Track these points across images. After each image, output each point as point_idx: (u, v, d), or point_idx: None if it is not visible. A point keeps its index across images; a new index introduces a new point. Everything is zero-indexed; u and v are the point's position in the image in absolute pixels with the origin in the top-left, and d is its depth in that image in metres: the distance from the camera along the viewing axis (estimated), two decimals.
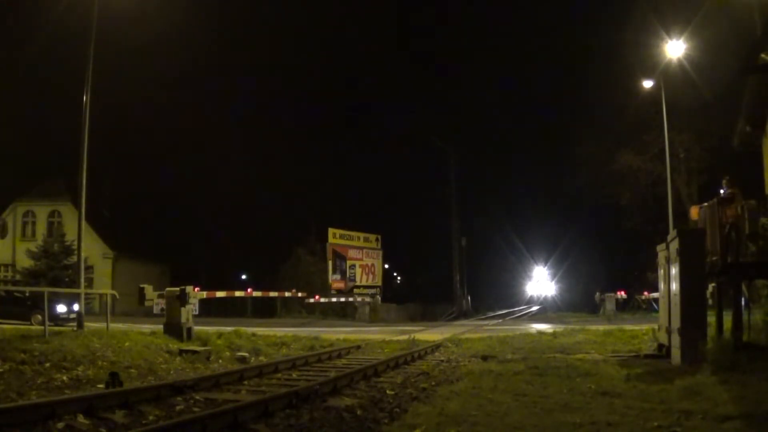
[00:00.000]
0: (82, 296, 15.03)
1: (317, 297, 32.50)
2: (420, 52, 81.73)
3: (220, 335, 14.42)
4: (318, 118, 72.29)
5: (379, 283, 39.30)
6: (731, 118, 16.82)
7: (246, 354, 12.48)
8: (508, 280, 65.85)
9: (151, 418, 6.66)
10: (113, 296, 17.20)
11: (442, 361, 11.86)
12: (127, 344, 11.85)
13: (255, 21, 66.51)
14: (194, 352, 12.05)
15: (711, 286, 11.79)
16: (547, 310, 45.41)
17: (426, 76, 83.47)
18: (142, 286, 15.86)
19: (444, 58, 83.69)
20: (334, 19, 72.27)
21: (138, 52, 45.12)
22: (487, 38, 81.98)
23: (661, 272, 11.97)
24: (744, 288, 11.80)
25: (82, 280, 15.59)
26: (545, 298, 57.60)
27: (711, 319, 10.71)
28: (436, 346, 14.04)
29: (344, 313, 33.66)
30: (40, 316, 16.01)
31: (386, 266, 45.05)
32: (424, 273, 61.43)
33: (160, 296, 15.75)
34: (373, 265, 39.19)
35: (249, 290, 27.44)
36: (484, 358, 11.80)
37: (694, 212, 12.64)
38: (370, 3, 74.49)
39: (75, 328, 13.64)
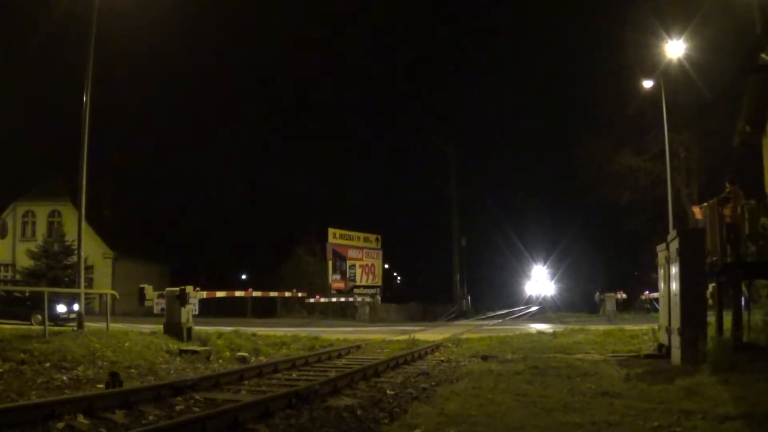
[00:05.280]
0: (82, 296, 15.01)
1: (317, 297, 32.50)
2: (420, 52, 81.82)
3: (220, 335, 14.41)
4: (318, 118, 72.38)
5: (379, 283, 39.29)
6: (731, 118, 16.83)
7: (246, 354, 12.48)
8: (507, 279, 65.95)
9: (151, 418, 6.66)
10: (113, 296, 17.20)
11: (442, 361, 11.86)
12: (127, 344, 11.84)
13: (255, 21, 66.57)
14: (194, 352, 12.06)
15: (711, 286, 11.79)
16: (547, 310, 45.36)
17: (426, 76, 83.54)
18: (142, 286, 15.88)
19: (444, 58, 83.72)
20: (335, 19, 72.31)
21: (139, 52, 45.19)
22: (486, 39, 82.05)
23: (661, 272, 11.97)
24: (744, 288, 11.79)
25: (82, 280, 15.57)
26: (544, 298, 57.55)
27: (711, 319, 10.71)
28: (436, 346, 14.04)
29: (344, 313, 33.65)
30: (40, 316, 15.99)
31: (386, 266, 45.04)
32: (424, 273, 61.49)
33: (160, 296, 15.75)
34: (373, 265, 39.18)
35: (249, 290, 27.45)
36: (484, 358, 11.80)
37: (697, 211, 12.64)
38: (372, 3, 74.53)
39: (75, 328, 13.62)
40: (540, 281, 62.40)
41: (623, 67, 29.94)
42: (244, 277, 47.49)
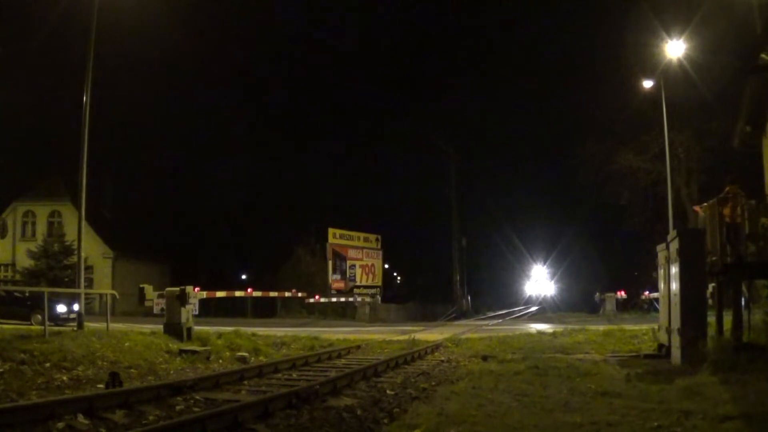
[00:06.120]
0: (82, 296, 14.99)
1: (317, 297, 32.51)
2: (421, 52, 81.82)
3: (220, 335, 14.41)
4: (318, 119, 72.40)
5: (379, 283, 39.28)
6: (731, 118, 16.80)
7: (246, 354, 12.48)
8: (507, 279, 65.89)
9: (151, 418, 6.66)
10: (113, 296, 17.19)
11: (442, 361, 11.86)
12: (127, 344, 11.84)
13: (255, 21, 66.59)
14: (194, 352, 12.06)
15: (711, 286, 11.79)
16: (547, 310, 45.36)
17: (426, 76, 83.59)
18: (142, 286, 15.88)
19: (444, 58, 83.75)
20: (335, 20, 72.32)
21: (140, 52, 45.23)
22: (487, 39, 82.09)
23: (661, 272, 11.98)
24: (744, 288, 11.80)
25: (82, 280, 15.56)
26: (544, 298, 57.53)
27: (711, 319, 10.71)
28: (436, 346, 14.04)
29: (344, 313, 33.64)
30: (40, 316, 15.98)
31: (386, 266, 45.03)
32: (424, 273, 61.42)
33: (160, 296, 15.76)
34: (373, 265, 39.18)
35: (249, 290, 27.48)
36: (484, 358, 11.80)
37: (699, 211, 12.64)
38: (373, 5, 74.57)
39: (75, 328, 13.60)
40: (540, 281, 62.39)
41: (623, 67, 29.94)
42: (244, 277, 47.50)
